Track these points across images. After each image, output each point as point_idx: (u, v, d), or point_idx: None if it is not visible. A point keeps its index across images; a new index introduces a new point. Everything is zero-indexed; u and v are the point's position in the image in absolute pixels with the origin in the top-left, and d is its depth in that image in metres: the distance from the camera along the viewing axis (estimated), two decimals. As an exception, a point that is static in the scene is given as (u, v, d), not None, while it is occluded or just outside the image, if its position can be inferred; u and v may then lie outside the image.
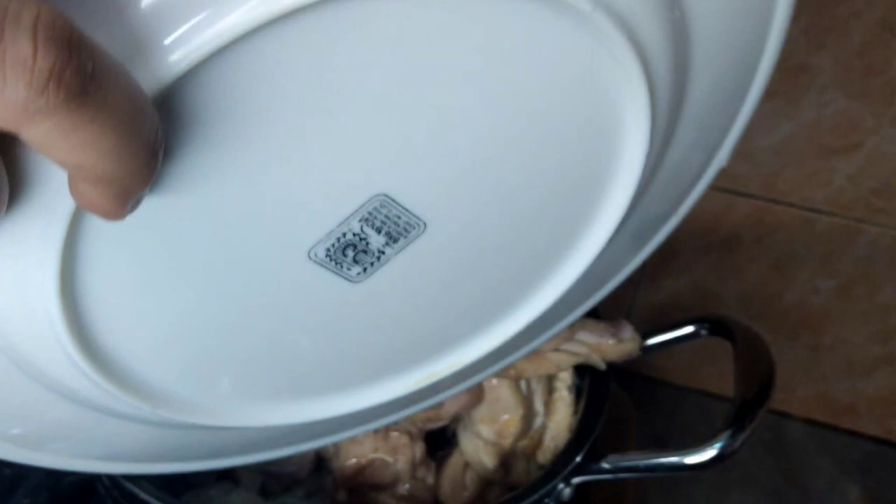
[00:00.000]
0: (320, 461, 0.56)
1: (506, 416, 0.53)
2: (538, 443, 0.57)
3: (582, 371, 0.57)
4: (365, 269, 0.29)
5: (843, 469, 0.82)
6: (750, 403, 0.50)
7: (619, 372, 0.88)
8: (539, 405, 0.55)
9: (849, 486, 0.80)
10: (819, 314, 0.79)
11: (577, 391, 0.58)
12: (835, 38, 0.66)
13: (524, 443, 0.56)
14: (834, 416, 0.85)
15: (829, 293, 0.78)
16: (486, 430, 0.54)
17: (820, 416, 0.86)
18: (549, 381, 0.56)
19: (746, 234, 0.77)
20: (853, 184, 0.72)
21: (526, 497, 0.48)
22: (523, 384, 0.54)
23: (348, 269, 0.28)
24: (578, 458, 0.50)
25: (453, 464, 0.55)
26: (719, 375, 0.86)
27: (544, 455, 0.57)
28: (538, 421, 0.56)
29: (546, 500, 0.52)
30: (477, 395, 0.56)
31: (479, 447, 0.56)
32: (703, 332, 0.58)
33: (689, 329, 0.58)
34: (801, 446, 0.84)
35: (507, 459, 0.57)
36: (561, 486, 0.51)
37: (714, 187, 0.77)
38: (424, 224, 0.28)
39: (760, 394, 0.50)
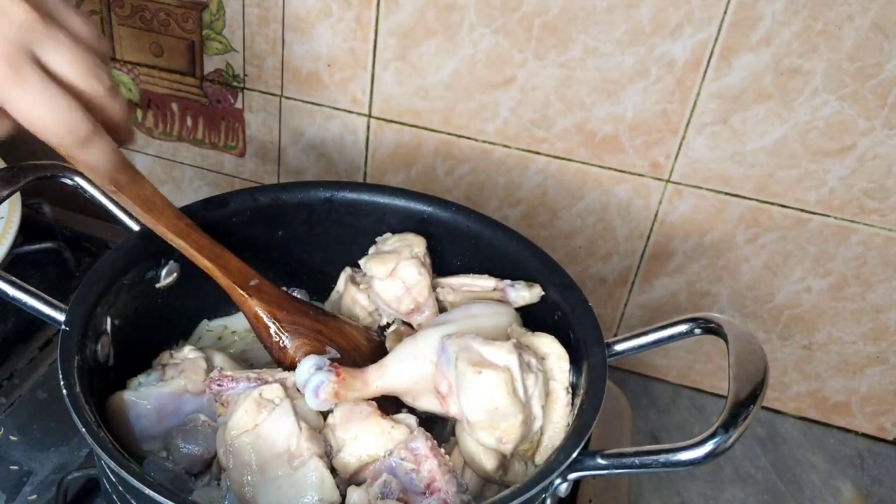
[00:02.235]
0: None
1: (504, 424, 0.54)
2: (537, 445, 0.57)
3: (578, 369, 0.58)
4: None
5: (835, 466, 0.83)
6: (743, 401, 0.50)
7: (614, 370, 0.89)
8: (537, 409, 0.55)
9: (841, 482, 0.81)
10: (812, 313, 0.80)
11: (573, 389, 0.58)
12: (827, 41, 0.67)
13: (524, 447, 0.56)
14: (827, 413, 0.86)
15: (822, 293, 0.79)
16: (487, 437, 0.54)
17: (813, 414, 0.87)
18: (546, 383, 0.57)
19: (740, 235, 0.78)
20: (846, 185, 0.73)
21: (523, 493, 0.48)
22: (520, 389, 0.54)
23: None
24: (575, 454, 0.50)
25: (452, 460, 0.56)
26: (712, 373, 0.88)
27: (542, 456, 0.57)
28: (537, 424, 0.56)
29: (543, 496, 0.52)
30: None
31: (479, 450, 0.56)
32: (697, 330, 0.58)
33: (683, 328, 0.59)
34: (794, 443, 0.85)
35: (505, 460, 0.57)
36: (558, 481, 0.52)
37: (708, 189, 0.78)
38: None
39: (754, 391, 0.51)
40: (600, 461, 0.52)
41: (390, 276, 0.64)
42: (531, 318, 0.65)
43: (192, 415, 0.59)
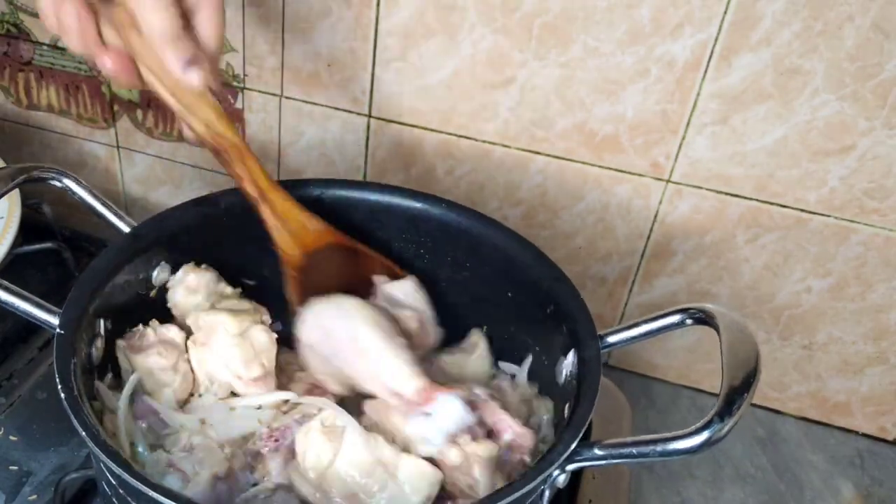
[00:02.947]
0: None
1: None
2: None
3: (573, 362, 0.58)
4: None
5: (835, 466, 0.83)
6: (737, 389, 0.50)
7: (614, 370, 0.89)
8: None
9: (841, 482, 0.81)
10: (812, 313, 0.80)
11: (569, 380, 0.59)
12: (828, 41, 0.67)
13: None
14: (827, 413, 0.86)
15: (823, 293, 0.79)
16: None
17: (813, 414, 0.87)
18: None
19: (740, 235, 0.78)
20: (846, 185, 0.73)
21: (523, 485, 0.49)
22: None
23: None
24: (573, 445, 0.51)
25: None
26: (712, 373, 0.87)
27: None
28: None
29: (542, 487, 0.53)
30: None
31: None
32: (689, 321, 0.58)
33: (674, 318, 0.59)
34: (794, 443, 0.85)
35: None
36: (556, 472, 0.52)
37: (708, 189, 0.78)
38: None
39: (747, 379, 0.51)
40: (598, 451, 0.52)
41: (240, 336, 0.61)
42: (524, 311, 0.65)
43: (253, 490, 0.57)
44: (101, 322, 0.59)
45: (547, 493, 0.54)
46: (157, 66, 0.56)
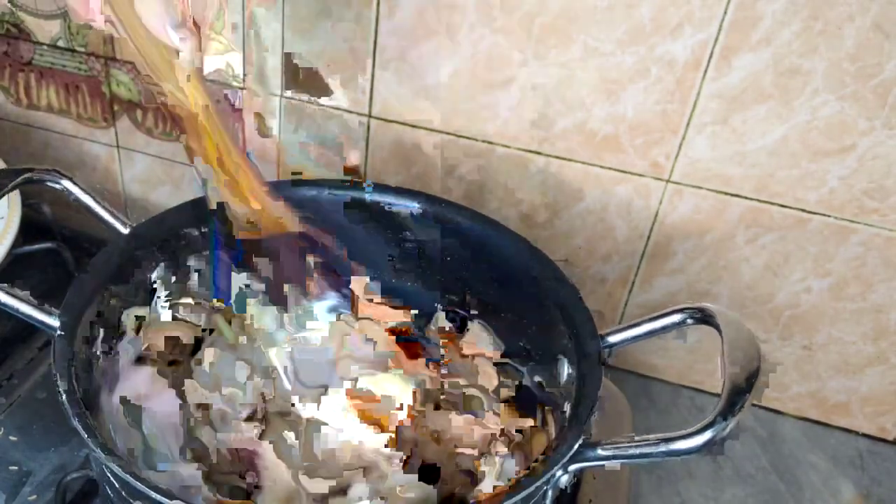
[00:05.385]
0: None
1: None
2: None
3: (574, 362, 0.59)
4: None
5: (835, 466, 0.83)
6: (740, 389, 0.50)
7: (615, 370, 0.89)
8: None
9: (842, 483, 0.81)
10: (812, 313, 0.80)
11: (570, 380, 0.59)
12: (827, 41, 0.67)
13: None
14: (827, 413, 0.86)
15: (822, 293, 0.79)
16: None
17: (813, 414, 0.87)
18: None
19: (740, 235, 0.78)
20: (846, 185, 0.73)
21: (526, 486, 0.49)
22: None
23: None
24: (576, 446, 0.51)
25: None
26: (713, 373, 0.88)
27: None
28: None
29: (545, 488, 0.53)
30: None
31: None
32: (690, 321, 0.58)
33: (675, 318, 0.59)
34: (794, 444, 0.85)
35: None
36: (559, 473, 0.52)
37: (708, 189, 0.78)
38: None
39: (749, 379, 0.51)
40: (601, 452, 0.52)
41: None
42: (524, 311, 0.65)
43: None
44: (101, 322, 0.59)
45: (550, 494, 0.54)
46: (128, 13, 0.54)
